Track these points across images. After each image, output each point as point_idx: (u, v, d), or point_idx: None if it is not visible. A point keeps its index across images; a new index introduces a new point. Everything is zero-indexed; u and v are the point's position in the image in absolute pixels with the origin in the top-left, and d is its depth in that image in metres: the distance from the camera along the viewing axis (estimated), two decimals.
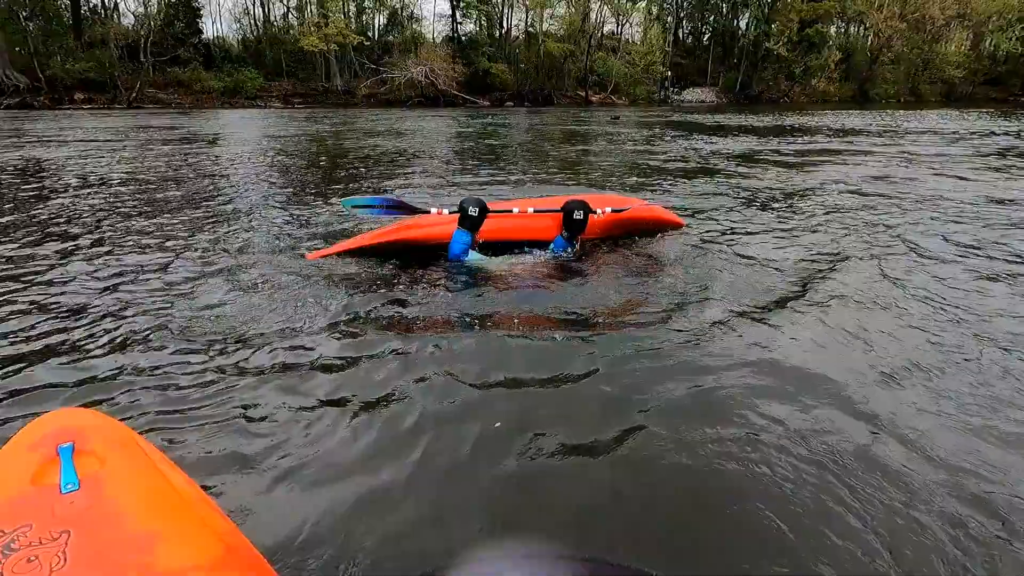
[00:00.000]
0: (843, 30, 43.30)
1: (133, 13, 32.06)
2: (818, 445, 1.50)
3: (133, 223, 3.99)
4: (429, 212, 3.10)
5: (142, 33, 29.64)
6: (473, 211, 2.84)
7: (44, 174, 6.38)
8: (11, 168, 6.81)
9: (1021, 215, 4.20)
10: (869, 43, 41.89)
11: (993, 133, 11.91)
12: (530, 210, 2.95)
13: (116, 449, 0.90)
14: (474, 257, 2.95)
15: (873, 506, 1.29)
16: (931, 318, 2.32)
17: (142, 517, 0.76)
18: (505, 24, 39.38)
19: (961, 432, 1.57)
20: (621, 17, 40.23)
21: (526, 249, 3.09)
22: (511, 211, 2.97)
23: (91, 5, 31.64)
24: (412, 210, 3.13)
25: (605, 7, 39.00)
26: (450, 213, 3.00)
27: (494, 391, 1.79)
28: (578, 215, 2.89)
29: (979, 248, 3.36)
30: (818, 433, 1.55)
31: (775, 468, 1.41)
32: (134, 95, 28.22)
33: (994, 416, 1.64)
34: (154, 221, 4.05)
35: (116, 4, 32.27)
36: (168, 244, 3.43)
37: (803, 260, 3.12)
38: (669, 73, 39.96)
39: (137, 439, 1.00)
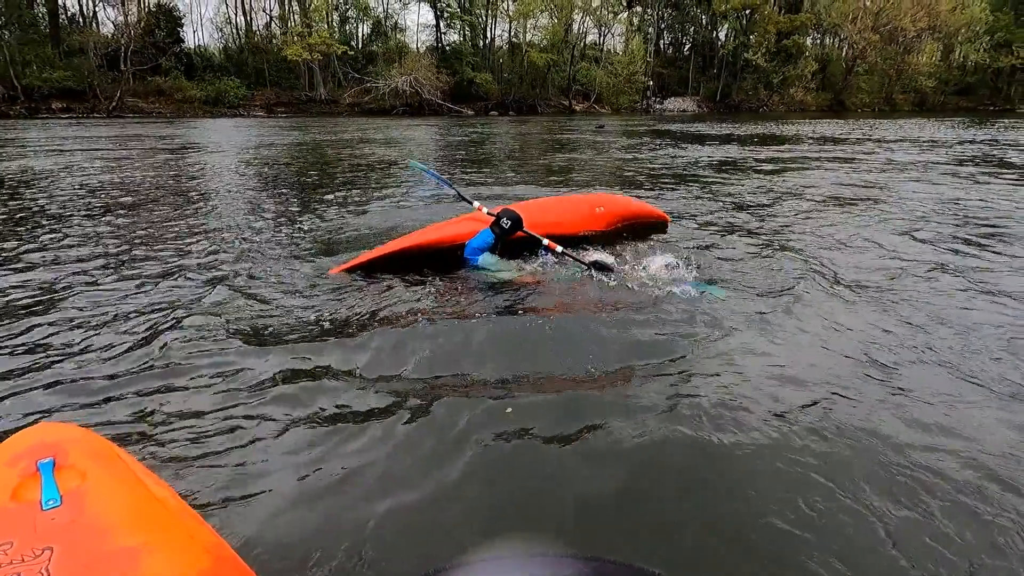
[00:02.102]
0: (819, 41, 44.47)
1: (113, 22, 31.77)
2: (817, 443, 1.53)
3: (122, 232, 3.92)
4: (473, 204, 3.30)
5: (122, 42, 29.31)
6: (505, 223, 2.99)
7: (26, 183, 6.24)
8: None
9: (997, 216, 4.33)
10: (844, 54, 43.05)
11: (968, 141, 12.27)
12: (559, 249, 3.01)
13: (98, 463, 0.89)
14: (487, 258, 2.99)
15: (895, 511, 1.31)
16: (935, 314, 2.38)
17: (126, 531, 0.75)
18: (489, 34, 39.72)
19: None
20: (603, 28, 40.84)
21: (540, 252, 3.12)
22: (541, 240, 3.07)
23: (69, 14, 31.27)
24: (462, 197, 3.40)
25: (587, 18, 39.55)
26: (487, 213, 3.15)
27: (498, 395, 1.79)
28: (597, 272, 2.91)
29: (956, 244, 3.46)
30: (813, 431, 1.58)
31: (788, 474, 1.43)
32: (114, 104, 27.85)
33: None
34: (145, 231, 3.98)
35: (95, 13, 31.95)
36: (158, 255, 3.37)
37: (797, 263, 3.18)
38: (651, 83, 40.59)
39: (119, 452, 0.99)
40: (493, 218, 3.04)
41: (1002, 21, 40.33)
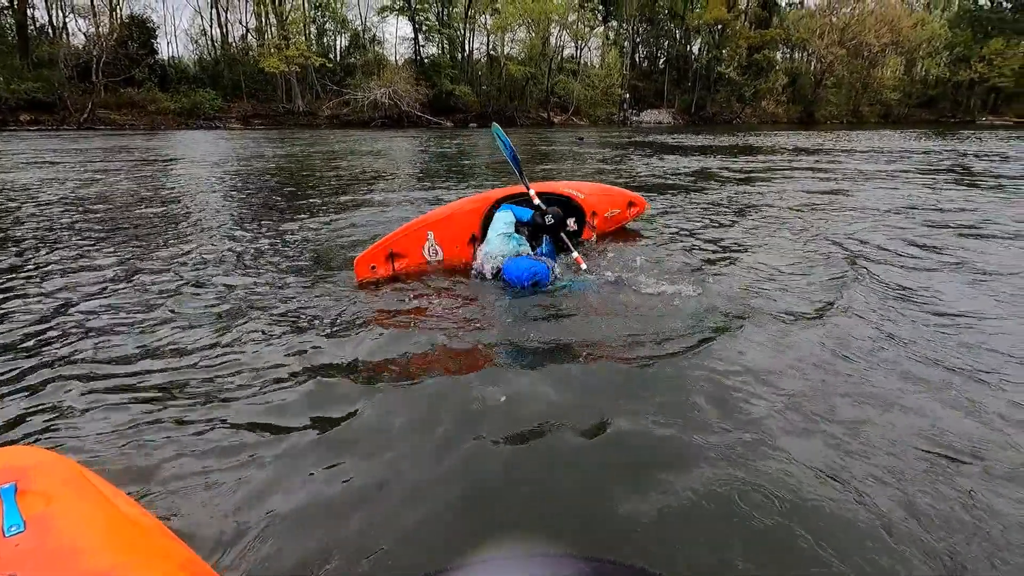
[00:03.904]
0: (788, 56, 45.87)
1: (84, 33, 31.17)
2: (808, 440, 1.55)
3: (103, 248, 3.80)
4: (530, 190, 3.27)
5: (94, 53, 28.76)
6: (549, 219, 3.03)
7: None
8: None
9: (966, 219, 4.49)
10: (813, 68, 44.44)
11: (934, 151, 12.74)
12: (583, 266, 3.06)
13: (63, 486, 0.87)
14: (507, 215, 3.03)
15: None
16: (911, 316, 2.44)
17: (97, 553, 0.72)
18: (467, 47, 40.05)
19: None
20: (580, 42, 41.49)
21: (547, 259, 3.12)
22: (572, 251, 3.10)
23: (38, 25, 30.60)
24: (520, 175, 3.33)
25: (564, 32, 40.16)
26: (537, 204, 3.19)
27: (499, 399, 1.77)
28: (610, 277, 2.97)
29: (929, 247, 3.57)
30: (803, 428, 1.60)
31: (784, 476, 1.44)
32: (85, 116, 27.24)
33: None
34: (132, 246, 3.86)
35: (65, 24, 31.34)
36: (144, 270, 3.27)
37: (784, 267, 3.25)
38: (627, 95, 41.31)
39: (86, 473, 0.96)
40: (541, 206, 3.11)
41: (960, 37, 42.19)
